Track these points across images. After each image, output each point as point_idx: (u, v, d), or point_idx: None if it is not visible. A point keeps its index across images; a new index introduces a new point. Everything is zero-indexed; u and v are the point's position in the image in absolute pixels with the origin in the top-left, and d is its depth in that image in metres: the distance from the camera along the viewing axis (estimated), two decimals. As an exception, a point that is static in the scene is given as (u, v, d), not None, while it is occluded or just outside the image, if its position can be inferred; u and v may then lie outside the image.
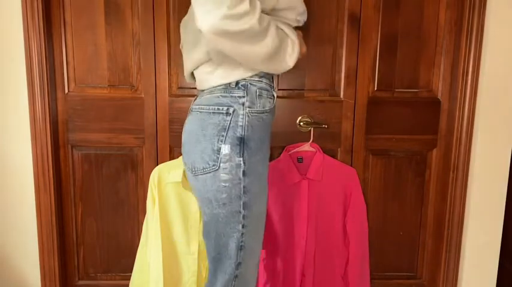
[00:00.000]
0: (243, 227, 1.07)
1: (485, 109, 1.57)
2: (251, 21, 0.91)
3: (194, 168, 1.06)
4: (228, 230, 1.07)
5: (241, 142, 1.03)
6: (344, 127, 1.63)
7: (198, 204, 1.12)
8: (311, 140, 1.57)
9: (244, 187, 1.04)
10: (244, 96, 1.05)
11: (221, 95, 1.06)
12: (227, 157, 1.02)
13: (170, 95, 1.60)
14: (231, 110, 1.04)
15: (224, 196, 1.04)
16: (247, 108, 1.05)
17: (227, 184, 1.03)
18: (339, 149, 1.65)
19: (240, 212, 1.05)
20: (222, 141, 1.02)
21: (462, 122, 1.59)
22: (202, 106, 1.07)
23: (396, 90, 1.63)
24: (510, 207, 1.70)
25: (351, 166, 1.65)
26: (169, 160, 1.61)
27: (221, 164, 1.02)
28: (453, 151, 1.62)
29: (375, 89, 1.63)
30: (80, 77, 1.59)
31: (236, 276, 1.10)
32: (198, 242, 1.51)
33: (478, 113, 1.58)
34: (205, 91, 1.11)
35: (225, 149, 1.02)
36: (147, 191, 1.51)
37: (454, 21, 1.59)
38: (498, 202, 1.63)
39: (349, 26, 1.57)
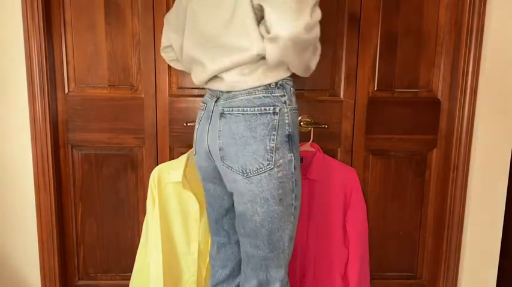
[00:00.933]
0: (294, 218, 1.11)
1: (485, 109, 1.57)
2: (318, 30, 0.98)
3: (246, 170, 1.05)
4: (282, 224, 1.09)
5: (289, 139, 1.06)
6: (344, 127, 1.63)
7: (240, 207, 1.10)
8: (311, 140, 1.57)
9: (295, 180, 1.08)
10: (284, 95, 1.07)
11: (263, 96, 1.06)
12: (280, 155, 1.04)
13: (170, 95, 1.60)
14: (277, 109, 1.05)
15: (280, 191, 1.06)
16: (288, 106, 1.08)
17: (282, 180, 1.05)
18: (339, 149, 1.65)
19: (292, 204, 1.09)
20: (273, 141, 1.04)
21: (462, 122, 1.59)
22: (245, 108, 1.05)
23: (396, 90, 1.63)
24: (510, 207, 1.70)
25: (351, 166, 1.65)
26: (169, 160, 1.61)
27: (276, 162, 1.04)
28: (453, 151, 1.62)
29: (375, 89, 1.63)
30: (80, 77, 1.59)
31: (286, 264, 1.15)
32: (198, 242, 1.51)
33: (478, 113, 1.58)
34: (235, 93, 1.07)
35: (278, 147, 1.04)
36: (147, 191, 1.51)
37: (454, 21, 1.59)
38: (498, 202, 1.63)
39: (349, 26, 1.57)
